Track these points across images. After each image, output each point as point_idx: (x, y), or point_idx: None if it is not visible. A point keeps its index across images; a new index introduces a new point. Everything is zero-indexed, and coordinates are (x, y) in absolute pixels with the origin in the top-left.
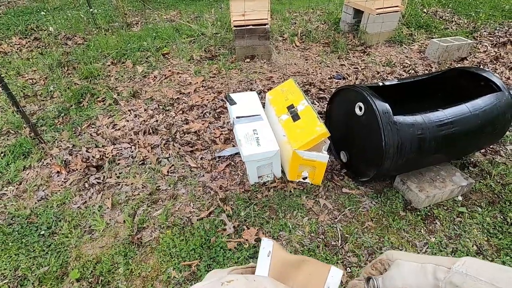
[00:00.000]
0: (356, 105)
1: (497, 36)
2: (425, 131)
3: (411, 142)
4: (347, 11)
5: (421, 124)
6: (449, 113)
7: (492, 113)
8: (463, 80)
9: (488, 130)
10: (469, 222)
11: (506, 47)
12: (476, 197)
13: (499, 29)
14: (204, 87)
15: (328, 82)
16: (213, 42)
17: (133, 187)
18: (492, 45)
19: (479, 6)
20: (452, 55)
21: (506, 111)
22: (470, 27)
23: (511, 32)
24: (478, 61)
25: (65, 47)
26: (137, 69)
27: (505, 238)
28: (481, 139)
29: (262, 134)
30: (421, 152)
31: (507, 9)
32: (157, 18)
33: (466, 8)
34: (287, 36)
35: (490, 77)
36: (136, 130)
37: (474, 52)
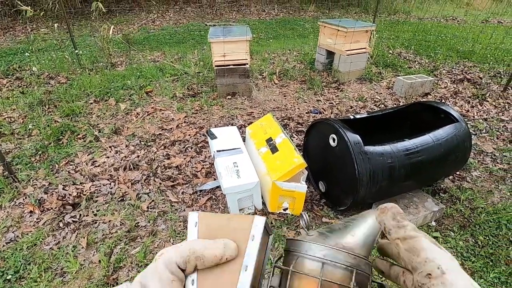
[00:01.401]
0: (330, 136)
1: (454, 74)
2: (394, 159)
3: (382, 170)
4: (320, 52)
5: (390, 153)
6: (415, 142)
7: (453, 142)
8: (425, 113)
9: (452, 158)
10: (443, 247)
11: (463, 83)
12: (448, 222)
13: (456, 67)
14: (186, 123)
15: (306, 116)
16: (195, 80)
17: (110, 225)
18: (451, 81)
19: (437, 48)
20: (416, 90)
21: (465, 140)
22: (431, 66)
23: (466, 70)
24: (440, 96)
25: (47, 86)
26: (120, 107)
27: (478, 260)
28: (446, 166)
29: (242, 166)
30: (392, 180)
31: (461, 51)
32: (141, 59)
33: (426, 50)
34: (266, 75)
35: (448, 110)
36: (116, 166)
37: (436, 88)
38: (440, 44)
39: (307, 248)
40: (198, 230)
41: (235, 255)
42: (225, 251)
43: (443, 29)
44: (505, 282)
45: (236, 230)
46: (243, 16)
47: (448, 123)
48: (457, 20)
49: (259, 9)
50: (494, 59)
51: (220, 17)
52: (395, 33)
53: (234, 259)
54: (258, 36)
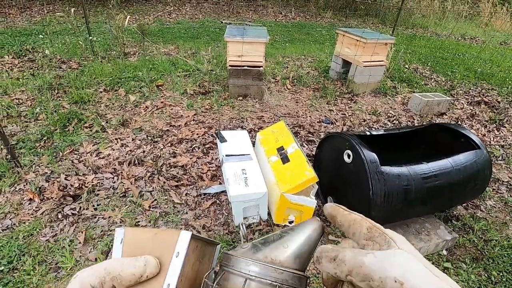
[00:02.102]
0: (345, 152)
1: (472, 95)
2: (410, 182)
3: (397, 192)
4: (336, 61)
5: (407, 175)
6: (433, 166)
7: (473, 169)
8: (443, 134)
9: (470, 185)
10: (455, 279)
11: (480, 106)
12: (460, 253)
13: (473, 89)
14: (195, 121)
15: (317, 126)
16: (207, 78)
17: (110, 221)
18: (467, 103)
19: (454, 67)
20: (432, 109)
21: (485, 168)
22: (447, 85)
23: (483, 92)
24: (456, 117)
25: (58, 71)
26: (129, 98)
27: None
28: (463, 193)
29: (251, 174)
30: (406, 203)
31: (479, 72)
32: (154, 51)
33: (443, 68)
34: (279, 79)
35: (469, 135)
36: (121, 160)
37: (452, 108)
38: (458, 63)
39: (233, 263)
40: (123, 247)
41: (156, 272)
42: (145, 268)
43: (461, 48)
44: None
45: (161, 246)
46: (259, 16)
47: (468, 148)
48: (475, 39)
49: (276, 11)
50: None
51: (237, 16)
52: (412, 47)
53: (156, 277)
54: (273, 39)
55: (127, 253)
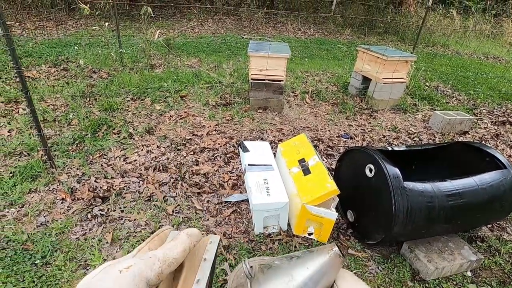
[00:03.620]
0: (367, 166)
1: (496, 115)
2: (434, 199)
3: (420, 209)
4: (356, 77)
5: (430, 192)
6: (457, 184)
7: (499, 189)
8: (466, 153)
9: (496, 206)
10: None
11: (506, 126)
12: (486, 275)
13: (498, 108)
14: (216, 131)
15: (336, 140)
16: (229, 90)
17: (135, 223)
18: (491, 122)
19: (477, 86)
20: (454, 128)
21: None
22: (470, 104)
23: (508, 112)
24: (479, 136)
25: (90, 80)
26: (155, 107)
27: None
28: (488, 213)
29: (273, 184)
30: (429, 221)
31: (504, 91)
32: (179, 63)
33: (465, 87)
34: (299, 93)
35: (495, 154)
36: (146, 166)
37: (475, 127)
38: (480, 82)
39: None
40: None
41: (200, 237)
42: (190, 239)
43: (484, 67)
44: None
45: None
46: (278, 32)
47: (493, 168)
48: (499, 59)
49: (295, 27)
50: None
51: (257, 31)
52: (432, 65)
53: (189, 274)
54: (293, 54)
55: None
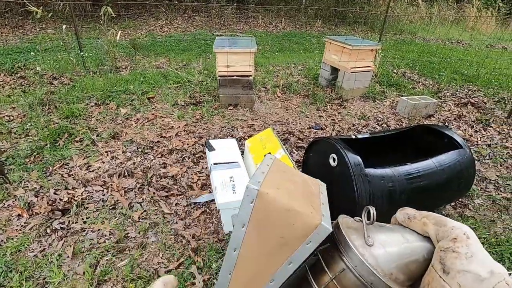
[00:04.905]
0: (330, 156)
1: (458, 97)
2: (395, 183)
3: (382, 194)
4: (325, 68)
5: (391, 176)
6: (417, 167)
7: (456, 168)
8: (429, 136)
9: (454, 185)
10: None
11: (467, 107)
12: None
13: (460, 91)
14: (186, 131)
15: (307, 132)
16: (198, 89)
17: (99, 234)
18: (455, 104)
19: (442, 70)
20: (420, 112)
21: (469, 167)
22: (435, 88)
23: (470, 94)
24: (443, 119)
25: (49, 87)
26: (120, 111)
27: None
28: (448, 193)
29: (239, 181)
30: (392, 204)
31: (466, 74)
32: (146, 64)
33: (431, 71)
34: (270, 87)
35: (452, 135)
36: (110, 173)
37: (440, 110)
38: (445, 67)
39: (357, 263)
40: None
41: (177, 284)
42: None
43: (448, 52)
44: None
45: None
46: (250, 27)
47: (452, 149)
48: (462, 43)
49: (267, 21)
50: (499, 84)
51: (228, 28)
52: (400, 52)
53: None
54: (264, 49)
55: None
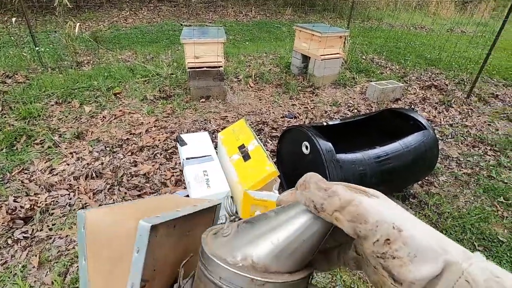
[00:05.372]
0: (303, 144)
1: (423, 80)
2: (365, 167)
3: (353, 177)
4: (296, 56)
5: (361, 160)
6: (385, 150)
7: (421, 149)
8: (395, 119)
9: (420, 164)
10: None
11: (431, 89)
12: None
13: (424, 74)
14: (156, 127)
15: (281, 121)
16: (168, 82)
17: (67, 240)
18: (420, 87)
19: (407, 55)
20: (388, 96)
21: (433, 147)
22: (401, 72)
23: (433, 77)
24: (410, 101)
25: (2, 86)
26: (84, 109)
27: None
28: (415, 172)
29: (213, 175)
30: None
31: (429, 58)
32: (110, 58)
33: (397, 56)
34: (242, 78)
35: (417, 117)
36: (77, 175)
37: (406, 93)
38: (410, 51)
39: (207, 262)
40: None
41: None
42: None
43: (412, 37)
44: None
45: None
46: (220, 17)
47: (417, 130)
48: (424, 28)
49: (236, 10)
50: (458, 66)
51: (196, 17)
52: (368, 39)
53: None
54: (235, 38)
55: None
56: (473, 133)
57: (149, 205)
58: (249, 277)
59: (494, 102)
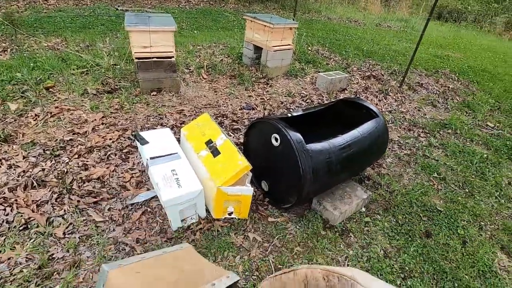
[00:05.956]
0: (272, 136)
1: (363, 71)
2: (331, 155)
3: (322, 166)
4: (248, 47)
5: (328, 149)
6: (347, 137)
7: (375, 134)
8: (350, 108)
9: (375, 149)
10: (374, 230)
11: (371, 79)
12: (374, 206)
13: (363, 65)
14: (105, 124)
15: (240, 113)
16: (111, 74)
17: (11, 263)
18: (361, 78)
19: (347, 47)
20: (336, 86)
21: (384, 133)
22: (344, 63)
23: (371, 68)
24: (354, 91)
25: None
26: (9, 107)
27: (400, 238)
28: (370, 156)
29: (182, 173)
30: (331, 174)
31: (365, 50)
32: (34, 45)
33: (338, 48)
34: (194, 69)
35: (369, 106)
36: (12, 186)
37: (350, 83)
38: (349, 44)
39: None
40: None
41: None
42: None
43: (349, 30)
44: (422, 254)
45: None
46: (160, 2)
47: (368, 118)
48: (358, 22)
49: None
50: (390, 58)
51: (134, 2)
52: (311, 31)
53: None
54: (181, 26)
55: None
56: (408, 118)
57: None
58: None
59: (420, 90)
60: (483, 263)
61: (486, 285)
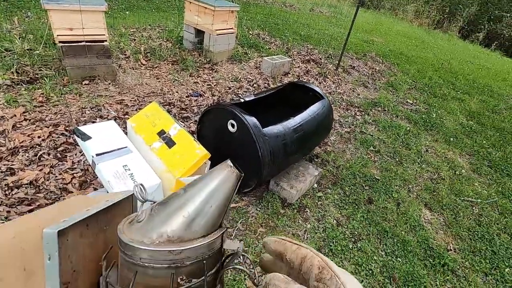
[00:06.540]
0: (228, 122)
1: (303, 55)
2: (286, 137)
3: (279, 148)
4: (188, 31)
5: (282, 132)
6: (298, 119)
7: (323, 115)
8: (298, 91)
9: (322, 128)
10: (326, 203)
11: (310, 63)
12: (324, 182)
13: (302, 49)
14: (28, 120)
15: (187, 101)
16: (28, 60)
17: None
18: (302, 61)
19: (285, 31)
20: (279, 70)
21: (329, 113)
22: (284, 48)
23: (309, 52)
24: (297, 74)
25: None
26: None
27: (349, 207)
28: (319, 136)
29: (136, 168)
30: (286, 155)
31: (303, 35)
32: None
33: (278, 32)
34: (130, 54)
35: (315, 89)
36: None
37: (292, 67)
38: (287, 28)
39: (124, 248)
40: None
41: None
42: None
43: (286, 14)
44: (367, 218)
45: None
46: None
47: (315, 100)
48: (293, 7)
49: None
50: (325, 43)
51: None
52: (250, 14)
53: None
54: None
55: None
56: (345, 99)
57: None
58: (166, 249)
59: (353, 72)
60: (413, 219)
61: (417, 237)
